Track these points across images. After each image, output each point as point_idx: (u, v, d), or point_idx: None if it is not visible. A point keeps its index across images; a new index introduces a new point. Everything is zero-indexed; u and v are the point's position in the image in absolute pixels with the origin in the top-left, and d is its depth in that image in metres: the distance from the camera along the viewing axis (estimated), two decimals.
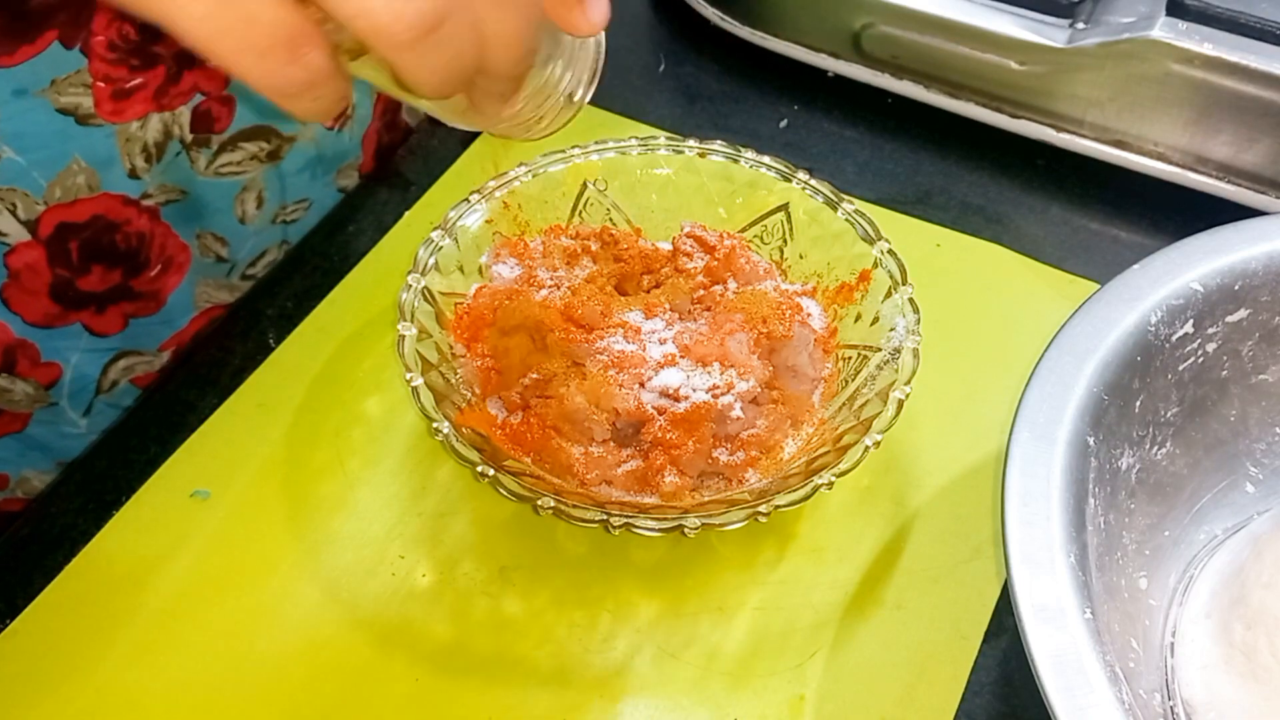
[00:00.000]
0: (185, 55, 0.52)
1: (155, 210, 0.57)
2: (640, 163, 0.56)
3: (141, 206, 0.56)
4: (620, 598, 0.48)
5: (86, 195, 0.53)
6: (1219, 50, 0.58)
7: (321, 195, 0.65)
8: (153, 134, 0.54)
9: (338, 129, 0.64)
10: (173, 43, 0.51)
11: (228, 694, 0.46)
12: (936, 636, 0.48)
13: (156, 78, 0.52)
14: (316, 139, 0.63)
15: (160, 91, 0.53)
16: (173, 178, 0.56)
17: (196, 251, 0.60)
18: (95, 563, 0.49)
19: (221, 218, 0.60)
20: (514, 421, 0.49)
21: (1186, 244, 0.47)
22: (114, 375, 0.59)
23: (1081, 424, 0.42)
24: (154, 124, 0.54)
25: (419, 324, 0.49)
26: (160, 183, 0.56)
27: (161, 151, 0.55)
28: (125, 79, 0.51)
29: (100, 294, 0.56)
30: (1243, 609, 0.44)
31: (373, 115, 0.66)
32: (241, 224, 0.61)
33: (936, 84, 0.66)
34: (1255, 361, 0.48)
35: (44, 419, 0.58)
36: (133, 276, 0.57)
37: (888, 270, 0.52)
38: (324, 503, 0.51)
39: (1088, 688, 0.36)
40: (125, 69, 0.51)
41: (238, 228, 0.61)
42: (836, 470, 0.46)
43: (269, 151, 0.60)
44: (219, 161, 0.58)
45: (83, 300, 0.56)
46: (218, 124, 0.57)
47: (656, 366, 0.49)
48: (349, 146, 0.66)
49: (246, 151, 0.59)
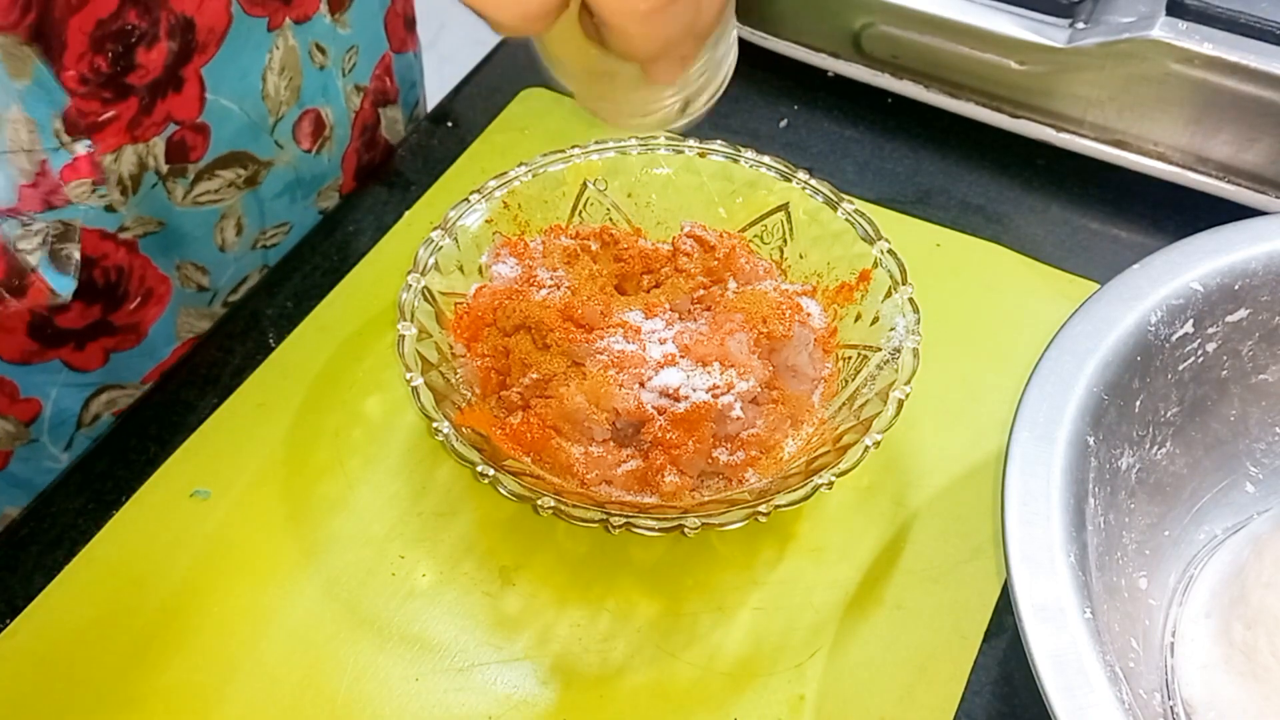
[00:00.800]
0: (158, 85, 0.52)
1: (133, 243, 0.56)
2: (640, 162, 0.56)
3: (119, 240, 0.55)
4: (620, 597, 0.48)
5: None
6: (1219, 50, 0.58)
7: (302, 217, 0.64)
8: (127, 166, 0.53)
9: (315, 151, 0.63)
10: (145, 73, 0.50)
11: (228, 694, 0.46)
12: (936, 636, 0.48)
13: (129, 109, 0.52)
14: (294, 162, 0.62)
15: (134, 123, 0.52)
16: (150, 209, 0.56)
17: (177, 282, 0.59)
18: (95, 563, 0.49)
19: (201, 246, 0.60)
20: (514, 421, 0.49)
21: (1186, 244, 0.47)
22: (96, 409, 0.58)
23: (1081, 424, 0.42)
24: (128, 156, 0.53)
25: (419, 324, 0.49)
26: (137, 214, 0.55)
27: (137, 183, 0.54)
28: (98, 112, 0.51)
29: (80, 330, 0.56)
30: (1243, 609, 0.44)
31: (351, 136, 0.66)
32: (221, 251, 0.61)
33: (936, 84, 0.66)
34: (1255, 361, 0.48)
35: (24, 455, 0.57)
36: (112, 311, 0.56)
37: (888, 270, 0.52)
38: (324, 503, 0.51)
39: (1088, 687, 0.36)
40: (98, 102, 0.50)
41: (218, 255, 0.61)
42: (836, 470, 0.46)
43: (246, 177, 0.59)
44: (196, 190, 0.57)
45: (62, 337, 0.55)
46: (193, 153, 0.56)
47: (656, 366, 0.49)
48: (328, 168, 0.65)
49: (224, 179, 0.58)
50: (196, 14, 0.52)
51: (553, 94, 0.69)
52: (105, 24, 0.48)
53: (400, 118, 0.71)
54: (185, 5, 0.51)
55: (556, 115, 0.68)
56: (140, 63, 0.51)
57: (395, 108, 0.70)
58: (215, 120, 0.56)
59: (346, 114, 0.65)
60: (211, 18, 0.53)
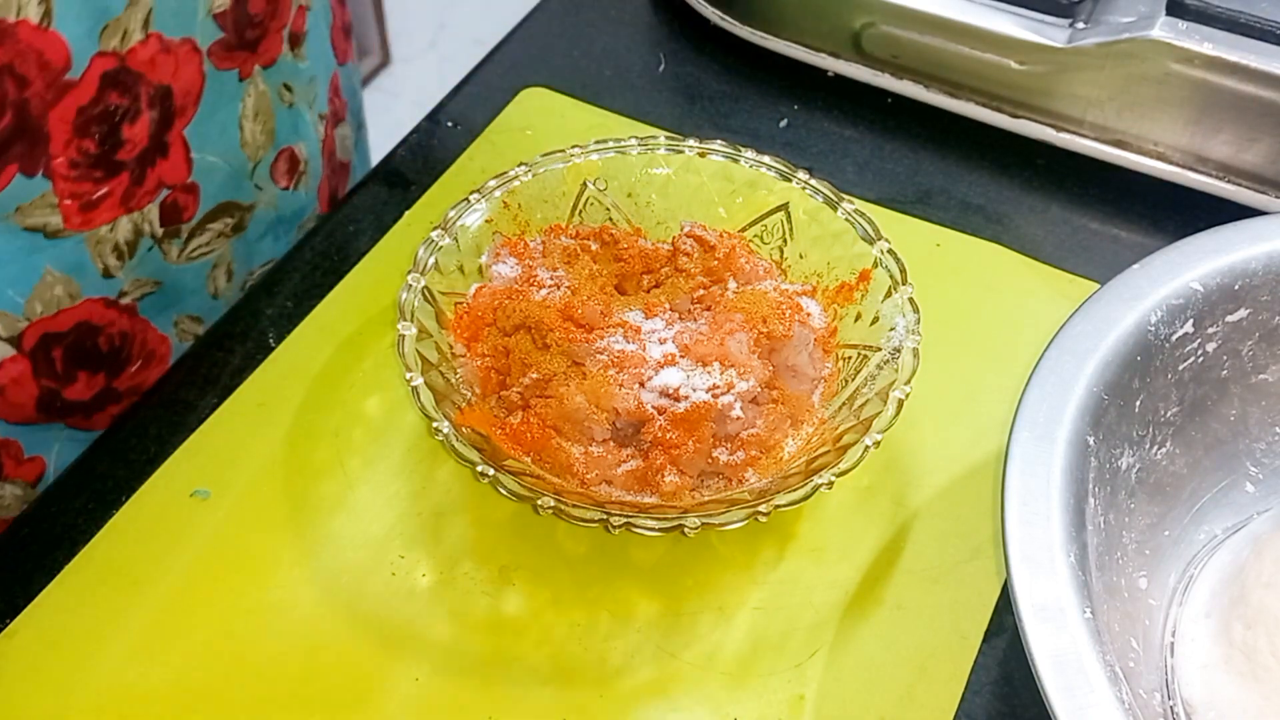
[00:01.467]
0: (146, 155, 0.53)
1: (133, 307, 0.56)
2: (640, 162, 0.56)
3: (121, 306, 0.55)
4: (620, 597, 0.48)
5: (69, 305, 0.53)
6: (1219, 50, 0.58)
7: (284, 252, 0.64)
8: (123, 234, 0.54)
9: (293, 188, 0.64)
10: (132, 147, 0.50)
11: (228, 694, 0.46)
12: (936, 636, 0.48)
13: (121, 184, 0.52)
14: (275, 202, 0.63)
15: (127, 195, 0.53)
16: (147, 271, 0.56)
17: (175, 338, 0.60)
18: (95, 563, 0.49)
19: (196, 299, 0.60)
20: (514, 421, 0.49)
21: (1186, 244, 0.47)
22: None
23: (1081, 424, 0.42)
24: (123, 225, 0.54)
25: (419, 324, 0.49)
26: (135, 278, 0.56)
27: (134, 249, 0.55)
28: (91, 192, 0.51)
29: (87, 401, 0.56)
30: (1243, 609, 0.44)
31: (322, 166, 0.67)
32: (214, 299, 0.61)
33: (936, 84, 0.66)
34: (1255, 361, 0.48)
35: None
36: (115, 377, 0.57)
37: (888, 270, 0.52)
38: (324, 503, 0.51)
39: (1088, 687, 0.36)
40: (90, 183, 0.51)
41: (211, 304, 0.61)
42: (836, 470, 0.46)
43: (234, 225, 0.60)
44: (190, 247, 0.58)
45: (69, 409, 0.55)
46: (185, 213, 0.56)
47: (656, 366, 0.49)
48: (306, 202, 0.66)
49: (214, 231, 0.59)
50: (173, 80, 0.53)
51: (553, 94, 0.69)
52: (87, 109, 0.49)
53: (349, 134, 0.72)
54: (161, 74, 0.52)
55: (556, 115, 0.68)
56: (126, 138, 0.51)
57: (345, 125, 0.71)
58: (203, 177, 0.57)
59: (318, 145, 0.66)
60: (187, 81, 0.53)
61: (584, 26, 0.74)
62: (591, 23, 0.74)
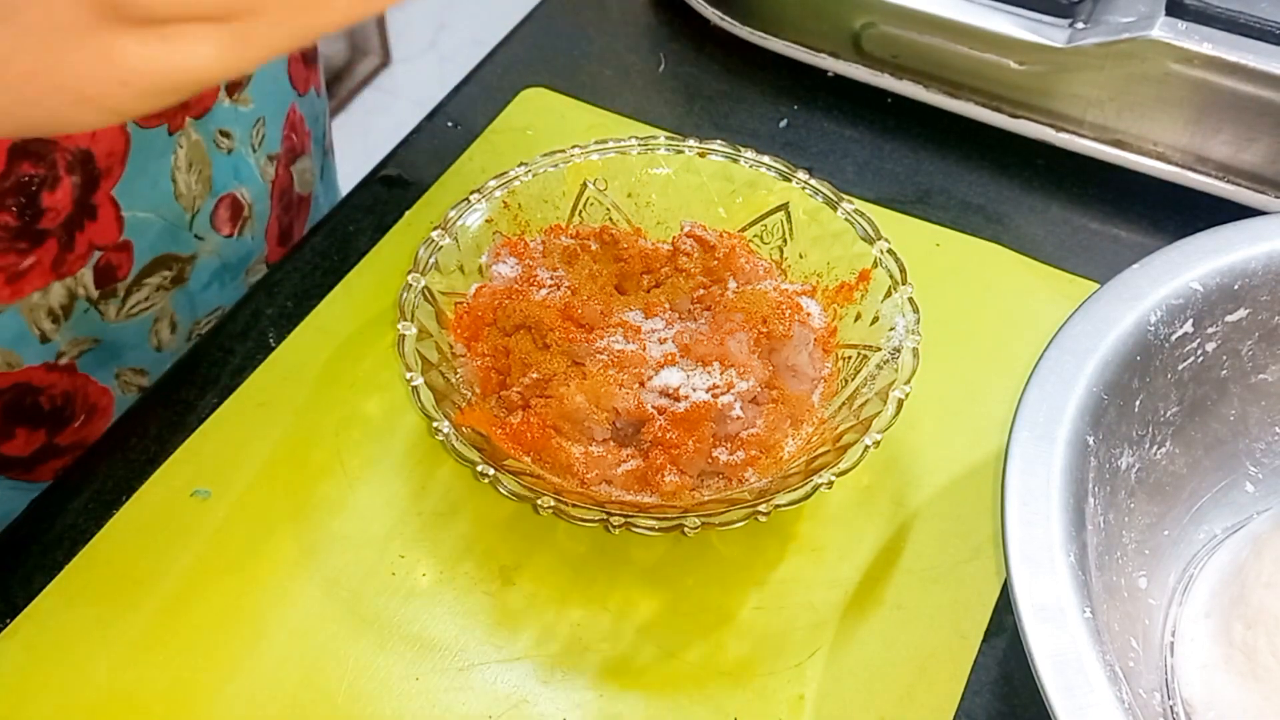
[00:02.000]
0: (71, 221, 0.51)
1: (72, 366, 0.55)
2: (640, 162, 0.56)
3: (60, 367, 0.54)
4: (620, 597, 0.48)
5: (9, 371, 0.52)
6: (1219, 50, 0.58)
7: (232, 299, 0.62)
8: (57, 299, 0.53)
9: (236, 234, 0.62)
10: (55, 214, 0.48)
11: (228, 694, 0.46)
12: (936, 636, 0.48)
13: (49, 252, 0.51)
14: (218, 250, 0.61)
15: (57, 262, 0.51)
16: (84, 331, 0.55)
17: (118, 391, 0.59)
18: (95, 562, 0.49)
19: (138, 353, 0.59)
20: (514, 421, 0.49)
21: (1186, 244, 0.47)
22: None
23: (1081, 424, 0.42)
24: (56, 290, 0.52)
25: (419, 324, 0.49)
26: (72, 337, 0.54)
27: (69, 312, 0.53)
28: (17, 263, 0.50)
29: (26, 458, 0.55)
30: (1243, 608, 0.44)
31: (270, 207, 0.64)
32: (158, 351, 0.60)
33: (936, 84, 0.66)
34: (1255, 361, 0.48)
35: None
36: (57, 433, 0.56)
37: (887, 270, 0.52)
38: (324, 503, 0.51)
39: (1088, 687, 0.36)
40: (14, 255, 0.50)
41: (155, 356, 0.60)
42: (836, 470, 0.46)
43: (173, 278, 0.58)
44: (128, 305, 0.56)
45: (8, 464, 0.55)
46: (119, 271, 0.55)
47: (656, 366, 0.49)
48: (252, 246, 0.64)
49: (151, 285, 0.57)
50: (92, 145, 0.51)
51: (553, 94, 0.69)
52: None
53: (310, 166, 0.69)
54: (78, 140, 0.50)
55: (556, 115, 0.68)
56: (47, 206, 0.50)
57: (306, 158, 0.68)
58: (135, 235, 0.55)
59: (264, 188, 0.63)
60: (108, 144, 0.52)
61: (584, 26, 0.74)
62: (591, 23, 0.74)
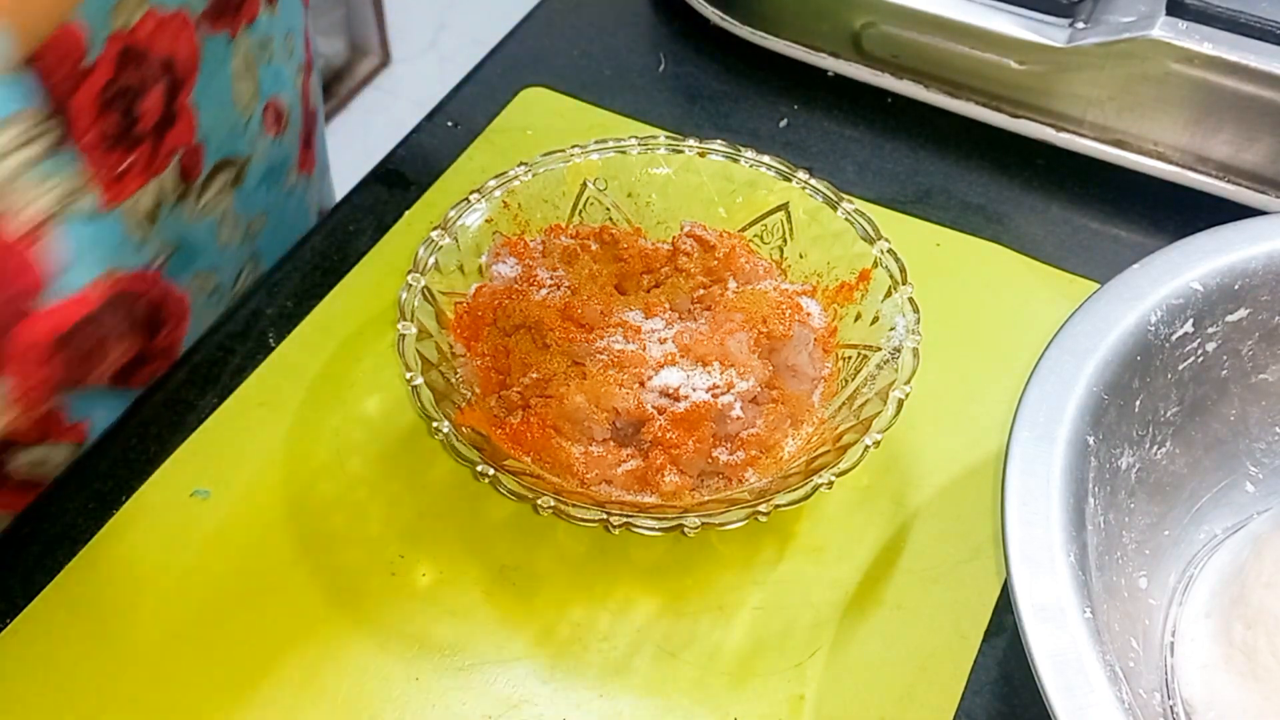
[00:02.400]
0: (160, 125, 0.56)
1: (157, 274, 0.59)
2: (640, 162, 0.56)
3: (148, 277, 0.58)
4: (620, 597, 0.48)
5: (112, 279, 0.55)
6: (1219, 50, 0.58)
7: (274, 204, 0.68)
8: (146, 202, 0.56)
9: (278, 137, 0.66)
10: (148, 118, 0.54)
11: (227, 693, 0.46)
12: (936, 636, 0.48)
13: (144, 153, 0.55)
14: (266, 153, 0.65)
15: (149, 164, 0.56)
16: (168, 234, 0.59)
17: (192, 295, 0.62)
18: (95, 563, 0.49)
19: (209, 254, 0.62)
20: (514, 421, 0.49)
21: (1186, 244, 0.47)
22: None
23: (1081, 423, 0.42)
24: (148, 192, 0.56)
25: (419, 323, 0.49)
26: (160, 241, 0.58)
27: (156, 215, 0.57)
28: (119, 163, 0.54)
29: (125, 367, 0.58)
30: (1243, 608, 0.44)
31: (301, 115, 0.69)
32: (223, 250, 0.64)
33: (936, 84, 0.66)
34: (1255, 361, 0.48)
35: None
36: (149, 341, 0.59)
37: (887, 270, 0.52)
38: (324, 502, 0.51)
39: (1088, 687, 0.36)
40: (118, 154, 0.53)
41: (220, 256, 0.63)
42: (836, 470, 0.46)
43: (234, 178, 0.62)
44: (200, 203, 0.60)
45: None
46: (194, 171, 0.59)
47: (656, 366, 0.49)
48: (289, 150, 0.68)
49: (217, 185, 0.61)
50: (173, 52, 0.55)
51: (553, 93, 0.69)
52: (106, 90, 0.51)
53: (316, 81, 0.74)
54: (161, 48, 0.54)
55: (556, 115, 0.68)
56: (142, 110, 0.54)
57: (315, 74, 0.73)
58: (205, 138, 0.59)
59: (296, 94, 0.68)
60: (185, 51, 0.56)
61: (584, 26, 0.74)
62: (591, 23, 0.74)
